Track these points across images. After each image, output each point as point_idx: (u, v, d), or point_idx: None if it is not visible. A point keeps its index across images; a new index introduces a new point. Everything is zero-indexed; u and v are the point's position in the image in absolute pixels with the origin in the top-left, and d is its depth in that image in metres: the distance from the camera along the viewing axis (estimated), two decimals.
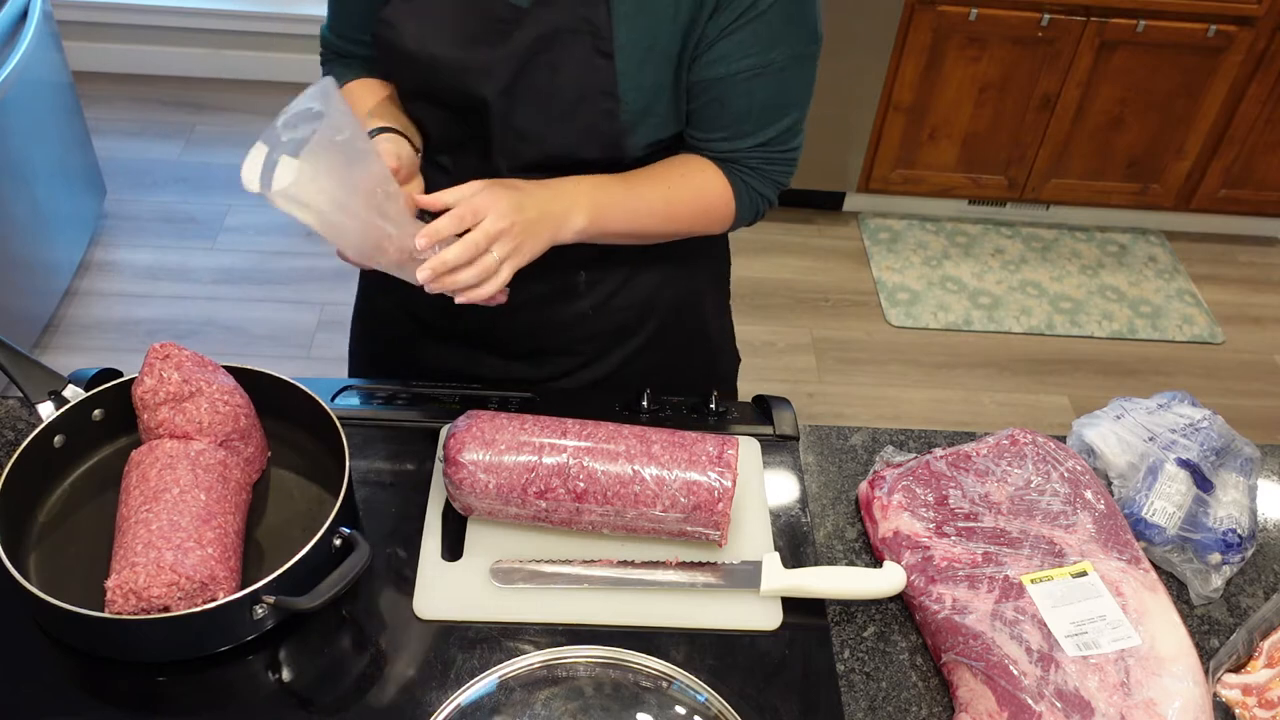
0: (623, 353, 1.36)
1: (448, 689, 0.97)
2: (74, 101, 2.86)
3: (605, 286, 1.30)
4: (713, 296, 1.43)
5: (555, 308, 1.30)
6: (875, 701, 1.01)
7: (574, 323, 1.31)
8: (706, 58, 1.12)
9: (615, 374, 1.37)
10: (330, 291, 2.97)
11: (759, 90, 1.15)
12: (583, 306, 1.30)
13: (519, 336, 1.34)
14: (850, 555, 1.15)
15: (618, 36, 1.09)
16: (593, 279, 1.28)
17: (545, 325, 1.32)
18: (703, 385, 1.31)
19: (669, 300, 1.35)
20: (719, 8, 1.09)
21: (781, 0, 1.09)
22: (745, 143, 1.18)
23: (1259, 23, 2.94)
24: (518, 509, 1.07)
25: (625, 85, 1.11)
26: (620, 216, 1.16)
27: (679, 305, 1.36)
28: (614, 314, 1.32)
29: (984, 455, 1.15)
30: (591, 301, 1.30)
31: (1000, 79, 3.05)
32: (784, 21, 1.11)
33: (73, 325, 2.80)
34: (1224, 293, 3.31)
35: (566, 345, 1.34)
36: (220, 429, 1.06)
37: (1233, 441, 1.21)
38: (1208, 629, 1.11)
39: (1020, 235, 3.42)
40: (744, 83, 1.13)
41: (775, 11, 1.10)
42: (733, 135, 1.18)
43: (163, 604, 0.93)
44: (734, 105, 1.15)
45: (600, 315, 1.31)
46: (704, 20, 1.10)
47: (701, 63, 1.13)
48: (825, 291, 3.18)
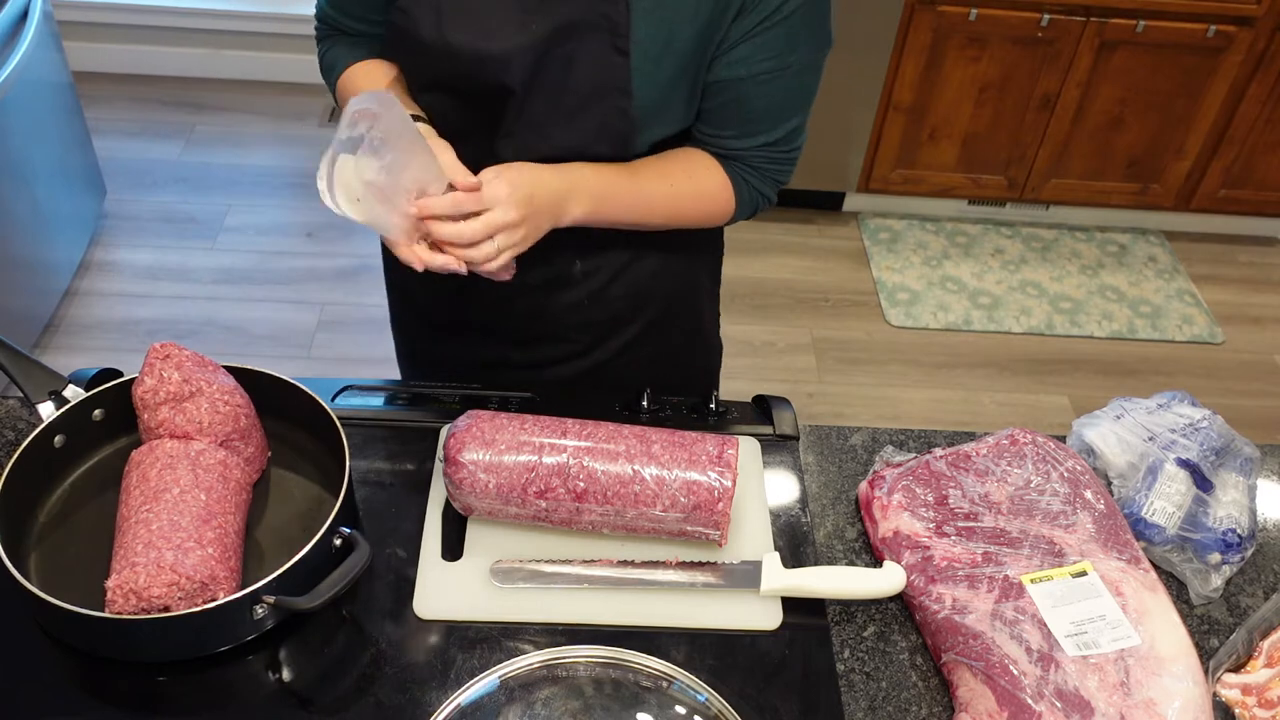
0: (619, 341, 1.37)
1: (448, 689, 0.97)
2: (74, 101, 2.86)
3: (601, 275, 1.31)
4: (707, 288, 1.45)
5: (550, 295, 1.31)
6: (875, 701, 1.01)
7: (569, 310, 1.32)
8: (726, 59, 1.13)
9: (611, 362, 1.38)
10: (330, 291, 2.97)
11: (774, 92, 1.16)
12: (578, 294, 1.31)
13: (516, 322, 1.35)
14: (850, 555, 1.15)
15: (635, 32, 1.09)
16: (588, 267, 1.29)
17: (541, 312, 1.33)
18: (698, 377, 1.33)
19: (665, 290, 1.36)
20: (743, 11, 1.10)
21: (803, 6, 1.11)
22: (753, 141, 1.20)
23: (1259, 23, 2.94)
24: (518, 509, 1.07)
25: (639, 81, 1.11)
26: (621, 206, 1.18)
27: (674, 296, 1.38)
28: (610, 303, 1.33)
29: (984, 455, 1.15)
30: (587, 290, 1.31)
31: (1000, 79, 3.05)
32: (804, 26, 1.13)
33: (73, 325, 2.81)
34: (1224, 293, 3.31)
35: (563, 332, 1.35)
36: (220, 429, 1.06)
37: (1232, 441, 1.21)
38: (1207, 629, 1.11)
39: (1020, 235, 3.42)
40: (761, 84, 1.15)
41: (797, 17, 1.11)
42: (743, 134, 1.20)
43: (163, 604, 0.93)
44: (749, 106, 1.17)
45: (596, 304, 1.32)
46: (727, 22, 1.11)
47: (721, 63, 1.14)
48: (825, 291, 3.18)
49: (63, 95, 2.79)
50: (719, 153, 1.22)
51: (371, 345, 2.81)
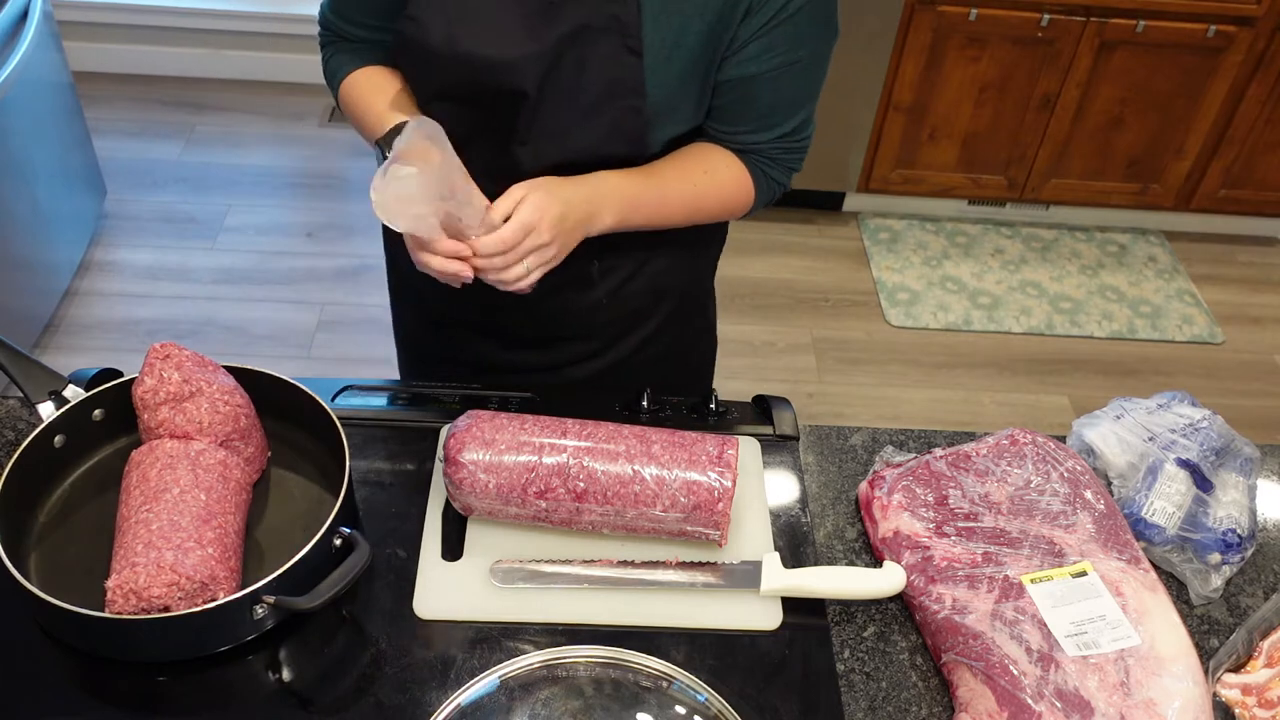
0: (637, 337, 1.38)
1: (448, 689, 0.97)
2: (74, 101, 2.86)
3: (619, 274, 1.31)
4: (710, 282, 1.48)
5: (569, 296, 1.31)
6: (875, 701, 1.01)
7: (589, 311, 1.33)
8: (737, 58, 1.15)
9: (628, 360, 1.39)
10: (330, 291, 2.97)
11: (785, 86, 1.18)
12: (597, 294, 1.32)
13: (535, 324, 1.35)
14: (850, 555, 1.15)
15: (646, 32, 1.10)
16: (606, 267, 1.30)
17: (560, 313, 1.33)
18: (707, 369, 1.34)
19: (678, 285, 1.38)
20: (750, 11, 1.11)
21: (810, 2, 1.12)
22: (768, 135, 1.22)
23: (1259, 23, 2.93)
24: (518, 509, 1.07)
25: (651, 80, 1.12)
26: (647, 211, 1.20)
27: (686, 290, 1.40)
28: (628, 300, 1.34)
29: (984, 455, 1.15)
30: (605, 289, 1.31)
31: (1000, 79, 3.05)
32: (811, 21, 1.14)
33: (73, 325, 2.80)
34: (1224, 293, 3.31)
35: (582, 332, 1.36)
36: (220, 429, 1.06)
37: (1232, 441, 1.21)
38: (1208, 629, 1.11)
39: (1020, 235, 3.42)
40: (772, 80, 1.16)
41: (804, 13, 1.13)
42: (757, 128, 1.21)
43: (163, 604, 0.93)
44: (761, 101, 1.18)
45: (614, 302, 1.33)
46: (736, 22, 1.12)
47: (732, 63, 1.15)
48: (825, 291, 3.18)
49: (63, 95, 2.79)
50: (734, 147, 1.23)
51: (371, 345, 2.81)
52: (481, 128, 1.17)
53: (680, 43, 1.11)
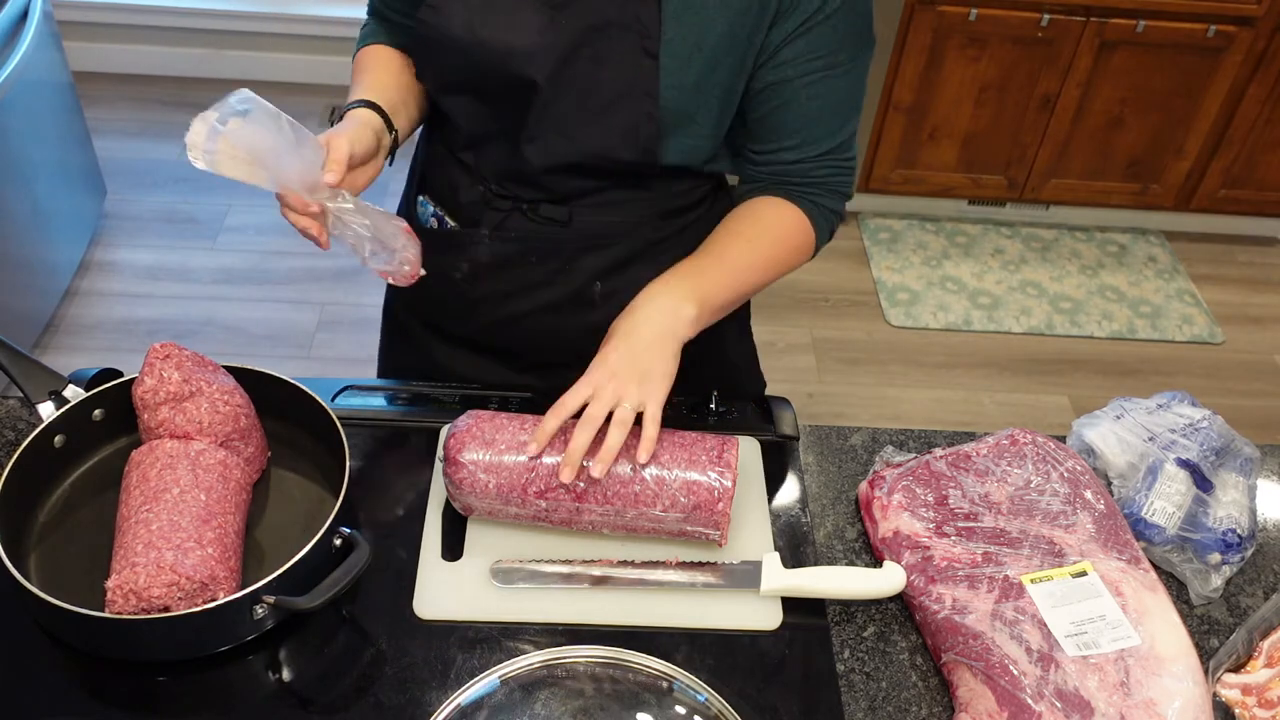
0: None
1: (448, 689, 0.97)
2: (74, 101, 2.86)
3: (622, 296, 1.21)
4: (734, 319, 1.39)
5: (567, 317, 1.28)
6: (875, 701, 1.01)
7: (587, 334, 1.26)
8: (772, 63, 1.13)
9: None
10: (330, 291, 2.97)
11: (826, 93, 1.15)
12: (597, 317, 1.24)
13: (530, 348, 1.33)
14: (850, 555, 1.15)
15: (665, 35, 1.09)
16: (609, 289, 1.26)
17: (556, 336, 1.29)
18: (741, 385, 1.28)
19: None
20: (780, 15, 1.10)
21: (845, 4, 1.10)
22: (812, 150, 1.18)
23: (1259, 23, 2.93)
24: (518, 509, 1.07)
25: (665, 84, 1.11)
26: (724, 290, 1.16)
27: None
28: None
29: (984, 455, 1.15)
30: (606, 312, 1.26)
31: (1000, 79, 3.05)
32: (848, 25, 1.12)
33: (73, 325, 2.80)
34: (1224, 293, 3.31)
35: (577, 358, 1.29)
36: (220, 429, 1.06)
37: (1232, 441, 1.21)
38: (1208, 629, 1.11)
39: (1020, 235, 3.42)
40: (810, 85, 1.14)
41: (840, 15, 1.11)
42: (802, 143, 1.18)
43: (163, 604, 0.93)
44: (801, 109, 1.15)
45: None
46: (765, 29, 1.10)
47: (767, 69, 1.13)
48: (825, 291, 3.18)
49: (63, 95, 2.79)
50: (780, 179, 1.20)
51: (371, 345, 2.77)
52: (495, 123, 1.17)
53: (700, 45, 1.10)
